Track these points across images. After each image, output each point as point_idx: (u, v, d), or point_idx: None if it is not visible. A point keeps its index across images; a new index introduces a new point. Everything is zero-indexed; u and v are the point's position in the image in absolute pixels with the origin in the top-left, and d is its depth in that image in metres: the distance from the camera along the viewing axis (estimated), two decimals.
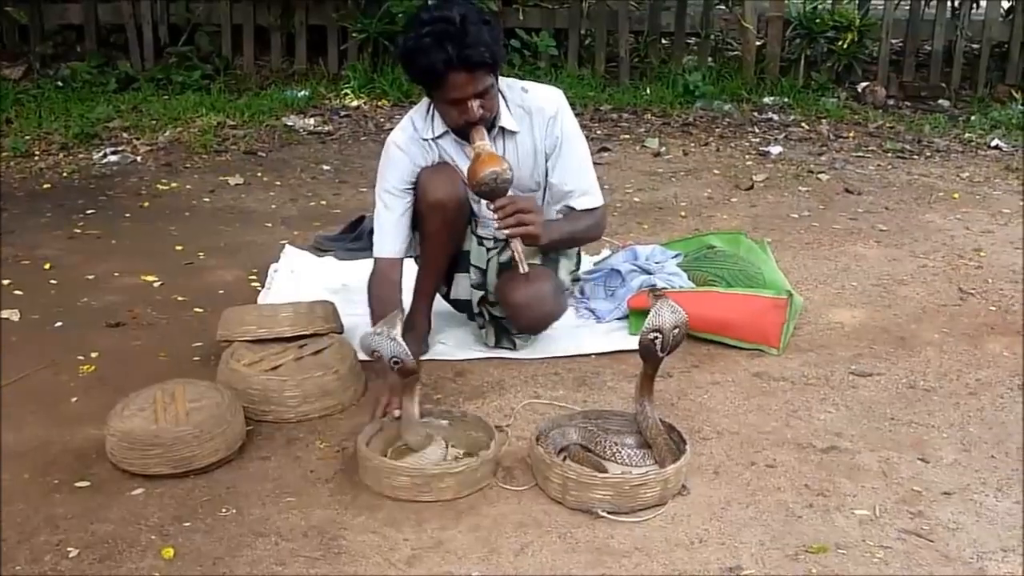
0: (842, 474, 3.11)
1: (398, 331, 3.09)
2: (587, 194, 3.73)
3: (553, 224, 3.62)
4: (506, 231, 3.40)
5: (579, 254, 4.08)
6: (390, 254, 3.66)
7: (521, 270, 3.39)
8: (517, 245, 3.39)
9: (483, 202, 3.65)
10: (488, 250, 3.79)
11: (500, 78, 3.55)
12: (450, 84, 3.36)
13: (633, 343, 3.78)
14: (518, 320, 3.76)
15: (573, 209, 3.74)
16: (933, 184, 6.43)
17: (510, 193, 3.42)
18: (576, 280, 4.17)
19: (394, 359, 3.07)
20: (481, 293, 3.81)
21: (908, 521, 2.88)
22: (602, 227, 3.92)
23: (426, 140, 3.64)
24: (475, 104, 3.41)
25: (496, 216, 3.40)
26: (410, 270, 3.78)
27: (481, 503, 2.94)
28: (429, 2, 7.39)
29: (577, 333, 4.06)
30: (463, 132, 3.52)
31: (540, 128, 3.64)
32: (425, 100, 3.66)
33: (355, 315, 3.80)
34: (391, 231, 3.66)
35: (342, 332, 3.77)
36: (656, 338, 3.04)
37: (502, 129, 3.58)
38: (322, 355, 3.58)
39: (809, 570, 2.66)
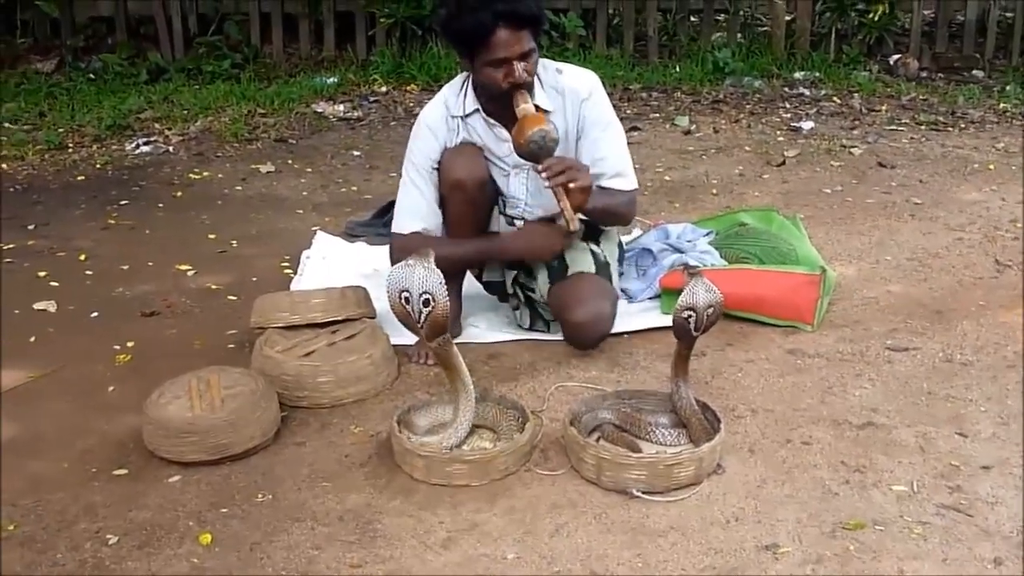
0: (879, 450, 3.09)
1: (431, 263, 2.98)
2: (620, 176, 3.70)
3: (594, 193, 3.56)
4: (556, 187, 3.38)
5: (621, 244, 4.06)
6: (409, 231, 3.67)
7: (572, 227, 3.39)
8: (566, 203, 3.37)
9: (511, 178, 3.65)
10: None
11: None
12: (496, 41, 3.36)
13: (665, 321, 3.78)
14: (574, 338, 3.73)
15: (606, 189, 3.71)
16: (968, 156, 6.36)
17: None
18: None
19: (424, 294, 2.94)
20: (514, 273, 3.80)
21: (946, 496, 2.85)
22: (633, 211, 3.89)
23: (456, 118, 3.64)
24: (520, 66, 3.40)
25: (544, 175, 3.37)
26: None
27: (516, 485, 2.94)
28: None
29: None
30: (496, 108, 3.52)
31: (572, 109, 3.63)
32: (459, 77, 3.67)
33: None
34: (410, 208, 3.69)
35: (375, 317, 3.77)
36: (690, 316, 3.03)
37: (536, 107, 3.56)
38: (355, 340, 3.58)
39: (846, 547, 2.64)
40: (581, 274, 3.75)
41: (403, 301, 2.99)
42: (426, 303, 2.96)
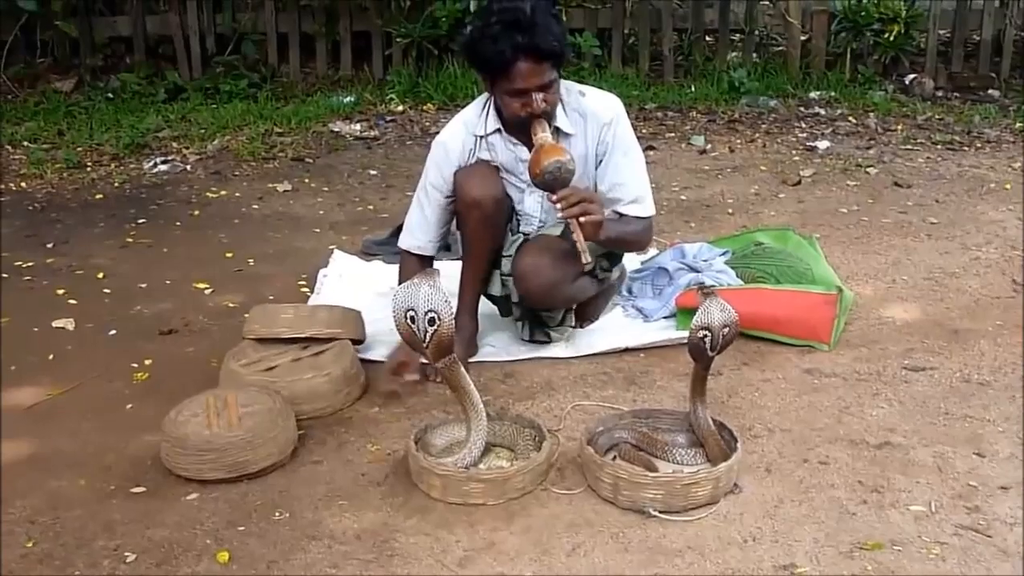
0: (896, 470, 3.08)
1: (438, 283, 2.98)
2: (637, 202, 3.70)
3: (608, 222, 3.55)
4: (569, 219, 3.38)
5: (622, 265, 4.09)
6: (410, 246, 3.74)
7: (585, 259, 3.39)
8: (579, 235, 3.38)
9: (526, 196, 3.67)
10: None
11: (560, 81, 3.56)
12: (516, 73, 3.38)
13: (680, 338, 3.79)
14: (519, 289, 3.70)
15: (622, 216, 3.71)
16: (984, 175, 6.34)
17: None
18: (622, 280, 4.14)
19: (430, 313, 2.94)
20: (511, 279, 3.79)
21: (964, 516, 2.84)
22: (649, 237, 3.91)
23: (477, 136, 3.66)
24: (539, 97, 3.42)
25: (558, 206, 3.38)
26: (453, 274, 3.78)
27: (532, 504, 2.94)
28: (470, 6, 7.48)
29: (624, 331, 4.05)
30: (517, 130, 3.54)
31: (594, 133, 3.64)
32: (482, 97, 3.70)
33: None
34: (419, 225, 3.75)
35: (359, 338, 3.82)
36: (705, 336, 3.03)
37: (557, 130, 3.57)
38: (320, 357, 3.62)
39: (864, 567, 2.64)
40: (542, 235, 3.75)
41: (408, 320, 2.99)
42: (431, 322, 2.96)
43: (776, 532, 2.79)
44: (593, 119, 3.63)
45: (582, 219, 3.37)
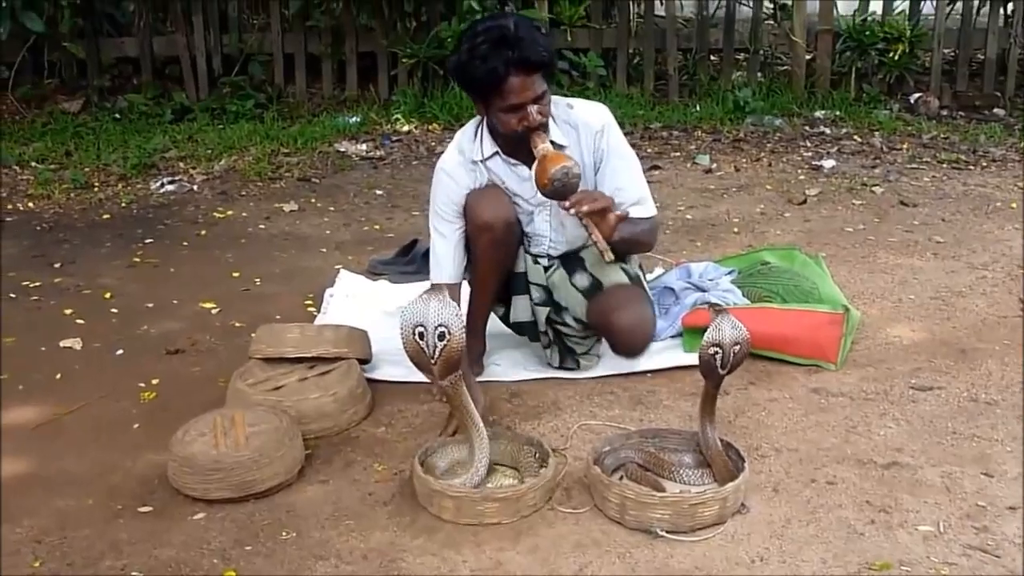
0: (904, 490, 3.08)
1: (446, 297, 2.98)
2: (640, 203, 3.68)
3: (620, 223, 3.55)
4: (585, 219, 3.38)
5: (641, 267, 4.05)
6: (448, 279, 3.66)
7: (607, 257, 3.40)
8: (598, 235, 3.38)
9: (536, 216, 3.67)
10: (545, 268, 3.80)
11: None
12: (509, 88, 3.38)
13: (688, 360, 3.79)
14: (622, 344, 3.71)
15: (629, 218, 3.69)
16: (990, 194, 6.35)
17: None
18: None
19: (440, 327, 2.93)
20: (547, 310, 3.80)
21: (973, 537, 2.84)
22: (656, 237, 3.90)
23: (475, 162, 3.66)
24: (534, 109, 3.42)
25: (572, 211, 3.37)
26: (463, 293, 3.79)
27: (539, 524, 2.94)
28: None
29: None
30: (514, 149, 3.55)
31: (587, 142, 3.64)
32: (472, 122, 3.69)
33: None
34: (445, 257, 3.68)
35: (366, 357, 3.83)
36: (716, 353, 3.03)
37: (552, 143, 3.58)
38: (327, 377, 3.62)
39: None
40: (618, 284, 3.76)
41: (417, 337, 2.97)
42: (441, 336, 2.94)
43: (784, 552, 2.79)
44: (585, 128, 3.64)
45: (611, 214, 3.38)
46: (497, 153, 3.63)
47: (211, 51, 8.85)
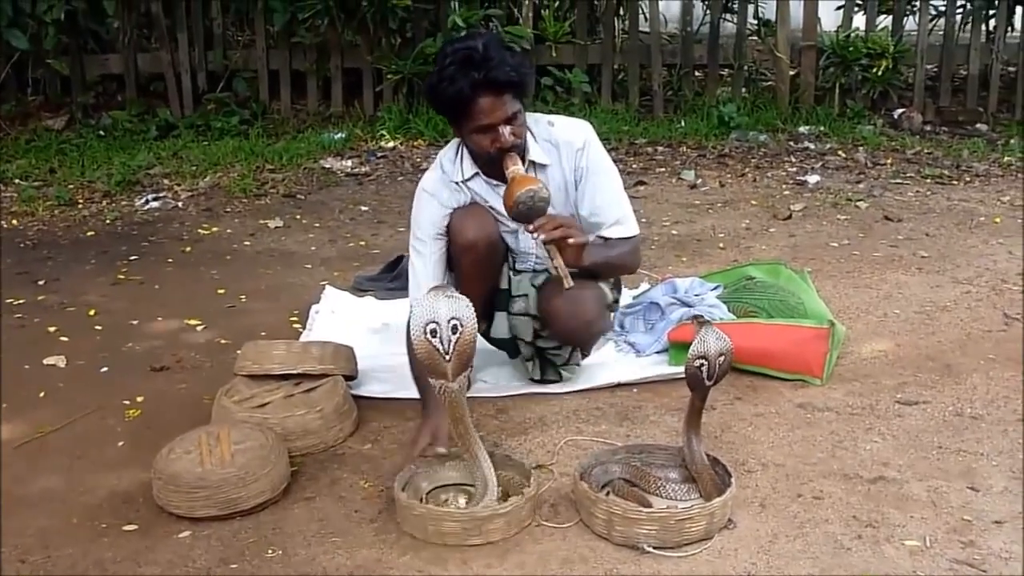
0: (891, 504, 3.08)
1: (453, 292, 2.97)
2: (620, 223, 3.68)
3: (591, 247, 3.54)
4: (549, 245, 3.36)
5: (619, 282, 4.04)
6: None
7: (567, 284, 3.36)
8: (559, 261, 3.36)
9: (520, 235, 3.67)
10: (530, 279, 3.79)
11: (526, 114, 3.55)
12: (479, 109, 3.37)
13: (674, 372, 3.79)
14: (558, 326, 3.67)
15: (607, 240, 3.69)
16: (973, 209, 6.38)
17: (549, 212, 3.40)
18: (615, 307, 4.13)
19: (453, 320, 2.89)
20: (531, 321, 3.76)
21: (959, 551, 2.84)
22: (638, 258, 3.89)
23: (456, 183, 3.64)
24: (506, 131, 3.40)
25: (536, 236, 3.36)
26: None
27: (526, 541, 2.93)
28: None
29: (617, 366, 4.05)
30: (494, 170, 3.53)
31: (568, 160, 3.63)
32: (454, 142, 3.68)
33: (397, 354, 3.77)
34: (424, 275, 3.63)
35: (351, 374, 3.82)
36: (702, 365, 3.03)
37: (532, 163, 3.56)
38: (312, 393, 3.62)
39: None
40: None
41: (429, 335, 2.89)
42: (455, 329, 2.89)
43: (771, 567, 2.78)
44: (566, 146, 3.62)
45: (570, 241, 3.35)
46: (478, 174, 3.62)
47: (196, 68, 8.86)
